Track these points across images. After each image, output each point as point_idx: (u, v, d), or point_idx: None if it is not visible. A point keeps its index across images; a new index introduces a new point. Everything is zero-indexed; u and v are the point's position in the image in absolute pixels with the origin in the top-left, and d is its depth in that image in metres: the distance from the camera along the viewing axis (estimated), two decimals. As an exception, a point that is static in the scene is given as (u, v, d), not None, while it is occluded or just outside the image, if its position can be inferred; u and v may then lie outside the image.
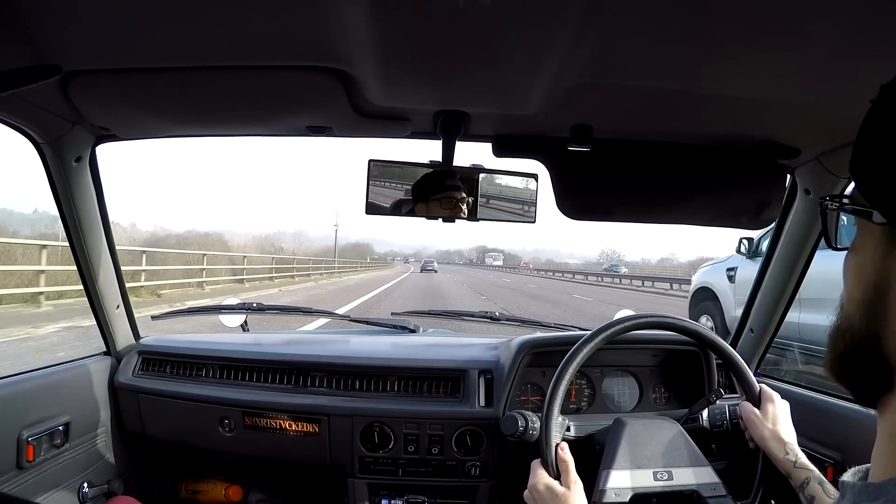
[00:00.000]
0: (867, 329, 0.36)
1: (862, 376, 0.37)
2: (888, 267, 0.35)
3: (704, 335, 1.10)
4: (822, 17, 0.56)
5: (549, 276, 44.04)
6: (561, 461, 0.91)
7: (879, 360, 0.35)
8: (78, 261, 1.19)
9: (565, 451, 0.92)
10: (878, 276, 0.35)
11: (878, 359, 0.35)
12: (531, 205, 1.01)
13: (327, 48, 0.68)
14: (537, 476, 0.91)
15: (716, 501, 0.96)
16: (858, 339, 0.36)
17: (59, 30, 0.64)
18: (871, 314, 0.35)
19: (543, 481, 0.90)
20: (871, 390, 0.36)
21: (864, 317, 0.36)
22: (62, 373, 1.18)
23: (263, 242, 53.86)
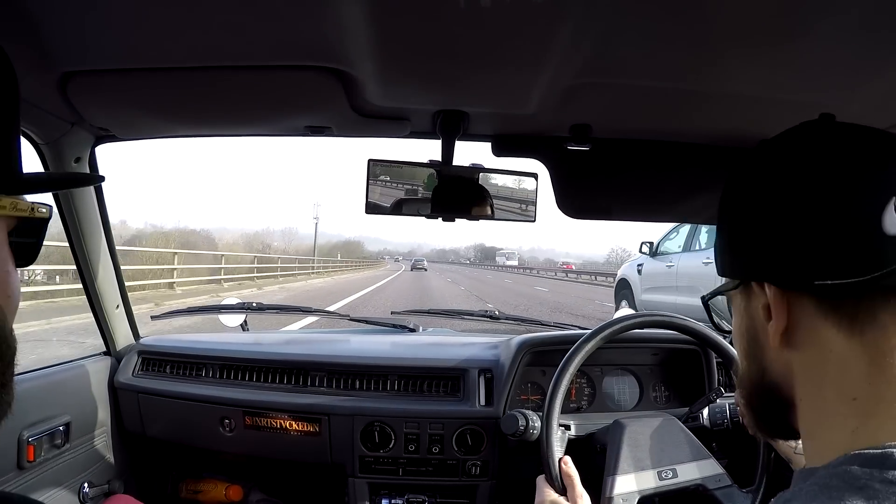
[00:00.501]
0: (756, 368, 0.45)
1: (769, 409, 0.46)
2: (751, 314, 0.44)
3: (704, 334, 1.10)
4: (822, 16, 0.56)
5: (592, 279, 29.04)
6: (566, 476, 0.91)
7: (772, 387, 0.44)
8: (77, 261, 1.19)
9: (569, 465, 0.92)
10: (747, 324, 0.45)
11: (771, 386, 0.44)
12: (531, 204, 1.01)
13: (326, 48, 0.68)
14: (544, 493, 0.91)
15: (722, 492, 0.97)
16: (752, 381, 0.46)
17: (58, 30, 0.64)
18: (753, 355, 0.45)
19: (550, 498, 0.90)
20: (781, 416, 0.44)
21: (751, 362, 0.46)
22: (62, 373, 1.18)
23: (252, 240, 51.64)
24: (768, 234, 0.41)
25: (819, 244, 0.38)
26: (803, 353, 0.41)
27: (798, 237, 0.39)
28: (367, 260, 67.25)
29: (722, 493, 0.97)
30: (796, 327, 0.41)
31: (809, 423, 0.42)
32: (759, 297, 0.43)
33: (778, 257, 0.41)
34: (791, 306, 0.41)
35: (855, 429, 0.38)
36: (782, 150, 0.43)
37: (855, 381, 0.38)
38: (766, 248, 0.41)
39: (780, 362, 0.43)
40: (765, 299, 0.42)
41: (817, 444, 0.41)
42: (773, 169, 0.43)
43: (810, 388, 0.41)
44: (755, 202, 0.43)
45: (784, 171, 0.42)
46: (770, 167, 0.43)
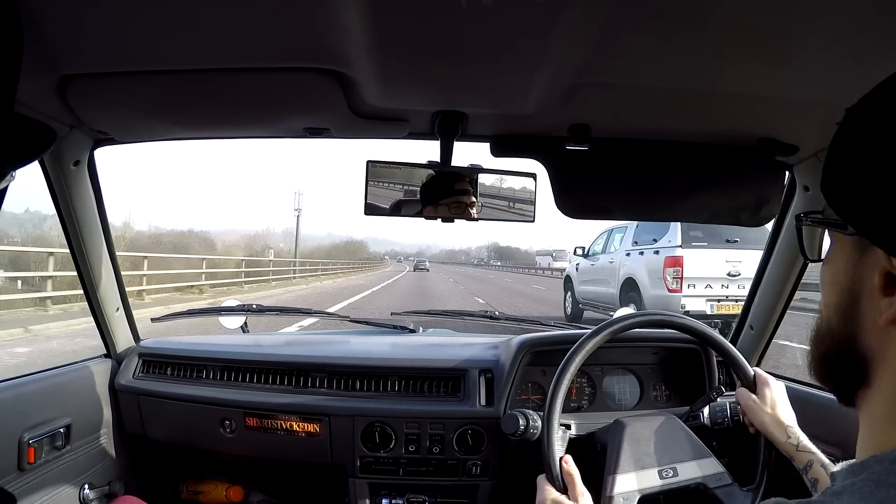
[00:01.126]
0: (844, 330, 0.39)
1: (842, 374, 0.40)
2: (860, 272, 0.38)
3: (703, 332, 1.10)
4: (821, 15, 0.56)
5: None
6: (566, 474, 0.91)
7: (856, 358, 0.39)
8: (77, 264, 1.19)
9: (570, 464, 0.92)
10: (852, 281, 0.39)
11: (854, 357, 0.39)
12: (530, 204, 1.01)
13: (324, 50, 0.68)
14: (545, 492, 0.91)
15: (722, 491, 0.97)
16: (836, 341, 0.40)
17: (57, 33, 0.64)
18: (847, 316, 0.39)
19: (551, 496, 0.90)
20: (850, 386, 0.40)
21: (840, 319, 0.40)
22: (63, 375, 1.18)
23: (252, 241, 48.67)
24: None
25: None
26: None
27: None
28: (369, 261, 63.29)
29: (722, 491, 0.97)
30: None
31: (882, 408, 0.37)
32: (878, 261, 0.36)
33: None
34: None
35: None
36: None
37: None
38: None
39: (878, 338, 0.37)
40: (887, 267, 0.35)
41: (883, 435, 0.37)
42: None
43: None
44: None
45: None
46: None
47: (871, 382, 0.38)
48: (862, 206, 0.36)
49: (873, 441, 0.37)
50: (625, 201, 1.02)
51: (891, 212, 0.34)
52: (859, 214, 0.37)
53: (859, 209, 0.37)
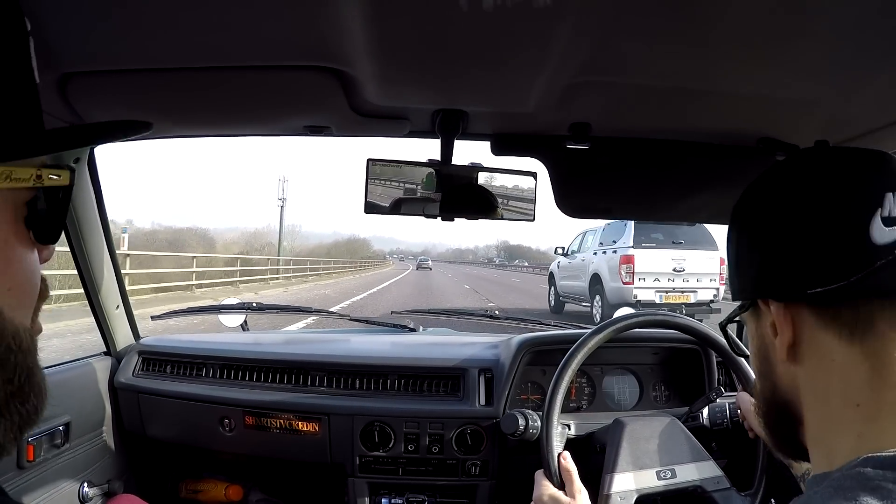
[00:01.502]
0: (765, 384, 0.49)
1: (781, 423, 0.48)
2: (762, 333, 0.47)
3: (703, 332, 1.10)
4: (821, 14, 0.56)
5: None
6: (564, 471, 0.91)
7: (780, 404, 0.47)
8: (77, 261, 1.19)
9: (568, 461, 0.92)
10: (758, 345, 0.48)
11: (779, 404, 0.47)
12: (530, 203, 1.01)
13: (325, 48, 0.68)
14: (542, 487, 0.91)
15: (720, 495, 0.96)
16: (763, 397, 0.49)
17: (57, 31, 0.64)
18: (764, 372, 0.48)
19: (548, 492, 0.90)
20: (792, 431, 0.47)
21: (761, 378, 0.49)
22: (62, 373, 1.18)
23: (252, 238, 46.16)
24: (767, 253, 0.45)
25: (811, 256, 0.42)
26: (808, 364, 0.43)
27: (792, 251, 0.43)
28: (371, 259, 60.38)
29: (720, 495, 0.96)
30: (800, 340, 0.43)
31: (816, 431, 0.44)
32: (766, 315, 0.46)
33: (775, 272, 0.44)
34: (794, 320, 0.43)
35: (860, 433, 0.39)
36: (779, 176, 0.48)
37: (858, 388, 0.40)
38: (766, 265, 0.45)
39: (788, 377, 0.45)
40: (771, 317, 0.45)
41: (825, 449, 0.42)
42: (771, 194, 0.47)
43: (816, 397, 0.43)
44: (755, 226, 0.47)
45: (780, 194, 0.46)
46: (769, 192, 0.48)
47: (800, 420, 0.45)
48: (742, 280, 0.48)
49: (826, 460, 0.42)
50: (625, 200, 1.02)
51: (755, 269, 0.46)
52: (744, 287, 0.48)
53: (742, 283, 0.48)
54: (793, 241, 0.43)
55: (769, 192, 0.48)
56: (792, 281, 0.43)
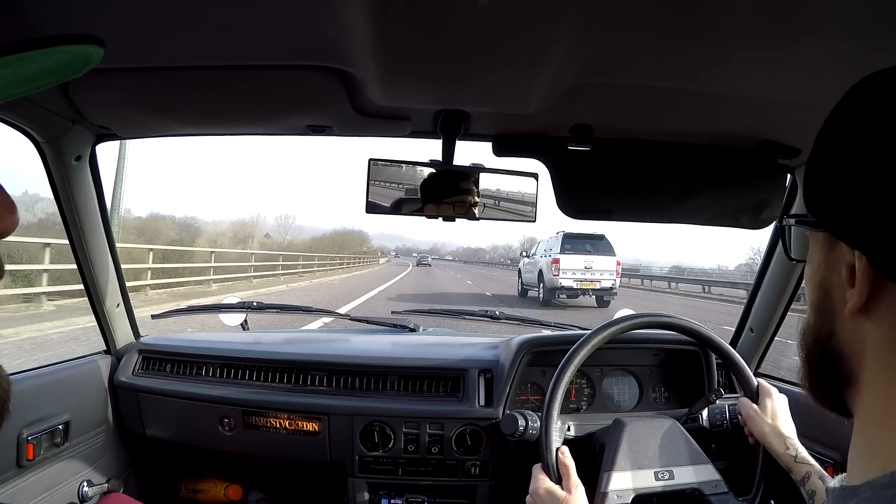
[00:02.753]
0: (822, 326, 0.40)
1: (825, 374, 0.41)
2: (830, 267, 0.39)
3: (703, 334, 1.10)
4: (823, 16, 0.56)
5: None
6: (562, 465, 0.91)
7: (833, 356, 0.39)
8: (78, 259, 1.19)
9: (566, 455, 0.92)
10: (822, 276, 0.40)
11: (832, 354, 0.39)
12: (531, 204, 1.01)
13: (328, 48, 0.68)
14: (538, 481, 0.91)
15: (717, 499, 0.96)
16: (816, 337, 0.41)
17: (59, 30, 0.64)
18: (823, 311, 0.40)
19: (544, 486, 0.90)
20: (835, 387, 0.40)
21: (818, 315, 0.41)
22: (62, 371, 1.18)
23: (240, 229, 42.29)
24: (876, 196, 0.34)
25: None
26: (881, 326, 0.36)
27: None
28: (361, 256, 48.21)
29: (718, 499, 0.96)
30: (879, 299, 0.35)
31: (872, 411, 0.36)
32: (844, 254, 0.37)
33: (885, 234, 0.34)
34: (875, 282, 0.35)
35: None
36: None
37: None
38: (874, 216, 0.34)
39: (852, 331, 0.37)
40: (850, 260, 0.37)
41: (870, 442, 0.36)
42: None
43: (882, 368, 0.36)
44: (873, 155, 0.35)
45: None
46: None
47: (854, 381, 0.38)
48: (829, 203, 0.38)
49: (867, 442, 0.37)
50: (626, 202, 1.02)
51: (852, 207, 0.36)
52: (826, 211, 0.38)
53: (827, 206, 0.38)
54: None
55: None
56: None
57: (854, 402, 0.38)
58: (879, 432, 0.36)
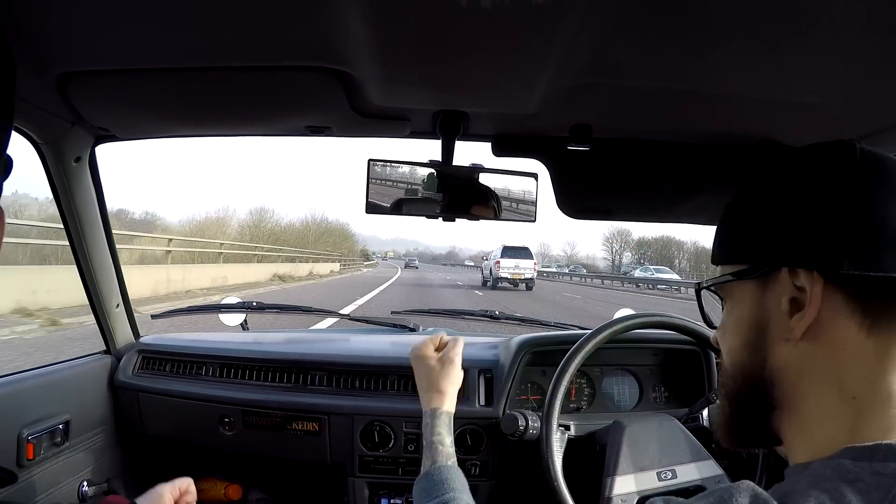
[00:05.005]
0: (753, 362, 0.45)
1: (755, 405, 0.45)
2: (765, 306, 0.44)
3: (703, 334, 1.10)
4: (822, 16, 0.56)
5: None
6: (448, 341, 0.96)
7: (763, 385, 0.44)
8: (78, 260, 1.19)
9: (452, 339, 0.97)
10: (758, 315, 0.44)
11: (762, 384, 0.44)
12: (531, 204, 1.01)
13: (326, 49, 0.68)
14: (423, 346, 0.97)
15: None
16: (747, 375, 0.45)
17: (58, 31, 0.64)
18: (754, 348, 0.45)
19: (427, 351, 0.95)
20: (764, 414, 0.44)
21: (748, 353, 0.45)
22: (62, 371, 1.18)
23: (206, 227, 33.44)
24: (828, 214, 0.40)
25: (879, 233, 0.39)
26: (818, 347, 0.41)
27: (861, 222, 0.39)
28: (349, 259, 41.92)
29: None
30: (820, 321, 0.40)
31: (808, 419, 0.42)
32: (781, 287, 0.42)
33: (828, 240, 0.40)
34: (823, 299, 0.40)
35: (851, 427, 0.39)
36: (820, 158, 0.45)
37: (858, 381, 0.40)
38: (816, 229, 0.41)
39: (786, 357, 0.42)
40: (791, 290, 0.41)
41: (810, 440, 0.41)
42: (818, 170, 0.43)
43: (818, 383, 0.41)
44: (816, 181, 0.42)
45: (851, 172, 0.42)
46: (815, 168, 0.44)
47: (782, 404, 0.43)
48: (763, 242, 0.44)
49: (811, 448, 0.41)
50: (625, 202, 1.02)
51: (791, 234, 0.42)
52: (760, 250, 0.44)
53: (760, 246, 0.44)
54: (849, 205, 0.40)
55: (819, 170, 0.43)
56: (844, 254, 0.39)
57: (783, 420, 0.44)
58: (819, 429, 0.41)
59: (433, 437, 0.85)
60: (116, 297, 1.30)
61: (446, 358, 0.91)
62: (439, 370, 0.90)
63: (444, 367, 0.90)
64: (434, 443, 0.85)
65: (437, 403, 0.88)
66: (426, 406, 0.89)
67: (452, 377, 0.90)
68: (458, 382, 0.91)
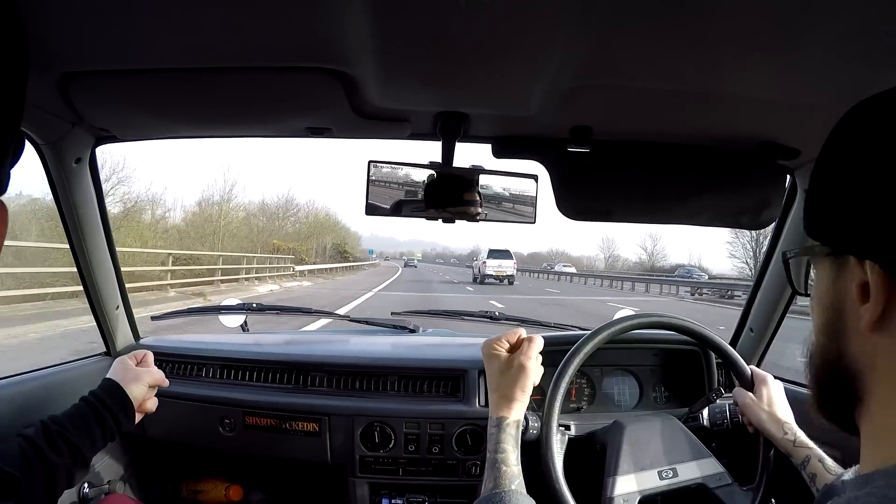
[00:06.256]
0: (832, 346, 0.42)
1: (835, 392, 0.42)
2: (839, 288, 0.41)
3: (704, 334, 1.11)
4: (822, 18, 0.56)
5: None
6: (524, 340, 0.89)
7: (845, 374, 0.41)
8: (77, 261, 1.19)
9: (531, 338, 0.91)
10: (833, 298, 0.41)
11: (843, 372, 0.41)
12: (531, 206, 1.01)
13: (327, 50, 0.68)
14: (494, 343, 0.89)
15: (722, 491, 0.97)
16: (826, 359, 0.42)
17: (59, 31, 0.64)
18: (833, 332, 0.41)
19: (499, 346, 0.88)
20: (846, 405, 0.41)
21: (828, 337, 0.42)
22: (62, 374, 1.18)
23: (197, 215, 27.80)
24: (883, 208, 0.36)
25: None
26: (891, 340, 0.37)
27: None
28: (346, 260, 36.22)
29: (722, 491, 0.97)
30: (890, 313, 0.37)
31: (881, 420, 0.38)
32: (854, 272, 0.39)
33: (887, 233, 0.36)
34: (891, 291, 0.37)
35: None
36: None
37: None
38: (881, 222, 0.36)
39: (863, 348, 0.39)
40: (862, 277, 0.38)
41: (880, 447, 0.38)
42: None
43: (884, 381, 0.38)
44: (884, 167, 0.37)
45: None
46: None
47: (864, 397, 0.40)
48: (837, 223, 0.40)
49: (879, 455, 0.38)
50: (625, 204, 1.02)
51: (862, 221, 0.38)
52: (835, 231, 0.40)
53: (835, 226, 0.40)
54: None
55: None
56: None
57: (862, 416, 0.40)
58: (887, 435, 0.38)
59: (497, 453, 0.77)
60: (116, 298, 1.30)
61: (517, 362, 0.83)
62: (508, 373, 0.82)
63: (513, 371, 0.82)
64: (497, 461, 0.76)
65: (503, 412, 0.80)
66: (492, 413, 0.81)
67: (522, 383, 0.81)
68: (528, 388, 0.82)
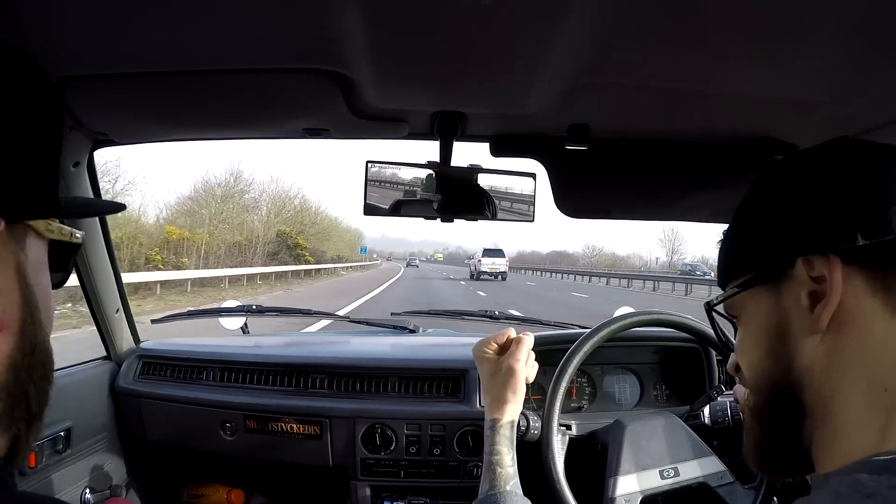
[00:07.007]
0: (779, 366, 0.43)
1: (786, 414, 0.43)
2: (783, 308, 0.42)
3: (704, 331, 1.11)
4: (821, 16, 0.56)
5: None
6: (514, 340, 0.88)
7: (793, 388, 0.42)
8: (77, 265, 1.19)
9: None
10: (777, 318, 0.43)
11: (791, 387, 0.42)
12: (530, 204, 1.01)
13: (324, 51, 0.68)
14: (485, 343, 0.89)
15: (724, 490, 0.97)
16: (774, 382, 0.44)
17: (56, 35, 0.64)
18: (779, 352, 0.43)
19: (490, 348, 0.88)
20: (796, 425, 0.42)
21: (772, 357, 0.44)
22: (63, 378, 1.18)
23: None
24: (816, 200, 0.41)
25: (870, 199, 0.39)
26: (845, 338, 0.39)
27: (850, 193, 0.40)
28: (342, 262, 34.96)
29: (724, 490, 0.97)
30: (844, 308, 0.39)
31: (838, 423, 0.39)
32: (799, 281, 0.41)
33: (827, 219, 0.40)
34: (845, 283, 0.39)
35: (883, 425, 0.37)
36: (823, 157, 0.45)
37: (889, 368, 0.38)
38: (812, 214, 0.41)
39: (814, 352, 0.40)
40: (809, 284, 0.40)
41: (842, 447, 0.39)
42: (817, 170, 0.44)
43: (845, 378, 0.39)
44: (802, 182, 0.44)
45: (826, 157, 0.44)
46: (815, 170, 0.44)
47: (811, 409, 0.41)
48: (775, 243, 0.43)
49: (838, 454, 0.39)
50: (624, 201, 1.02)
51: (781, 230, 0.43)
52: (773, 253, 0.43)
53: (772, 249, 0.43)
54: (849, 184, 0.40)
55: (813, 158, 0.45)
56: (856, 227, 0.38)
57: (814, 429, 0.41)
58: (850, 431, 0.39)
59: (492, 455, 0.78)
60: (116, 302, 1.30)
61: (506, 364, 0.83)
62: (497, 376, 0.82)
63: (502, 374, 0.82)
64: (492, 463, 0.77)
65: (495, 414, 0.80)
66: (487, 415, 0.82)
67: (512, 385, 0.81)
68: (519, 390, 0.82)
